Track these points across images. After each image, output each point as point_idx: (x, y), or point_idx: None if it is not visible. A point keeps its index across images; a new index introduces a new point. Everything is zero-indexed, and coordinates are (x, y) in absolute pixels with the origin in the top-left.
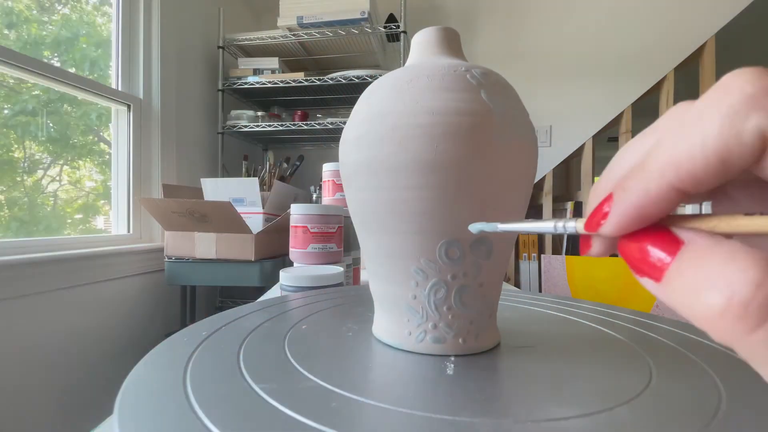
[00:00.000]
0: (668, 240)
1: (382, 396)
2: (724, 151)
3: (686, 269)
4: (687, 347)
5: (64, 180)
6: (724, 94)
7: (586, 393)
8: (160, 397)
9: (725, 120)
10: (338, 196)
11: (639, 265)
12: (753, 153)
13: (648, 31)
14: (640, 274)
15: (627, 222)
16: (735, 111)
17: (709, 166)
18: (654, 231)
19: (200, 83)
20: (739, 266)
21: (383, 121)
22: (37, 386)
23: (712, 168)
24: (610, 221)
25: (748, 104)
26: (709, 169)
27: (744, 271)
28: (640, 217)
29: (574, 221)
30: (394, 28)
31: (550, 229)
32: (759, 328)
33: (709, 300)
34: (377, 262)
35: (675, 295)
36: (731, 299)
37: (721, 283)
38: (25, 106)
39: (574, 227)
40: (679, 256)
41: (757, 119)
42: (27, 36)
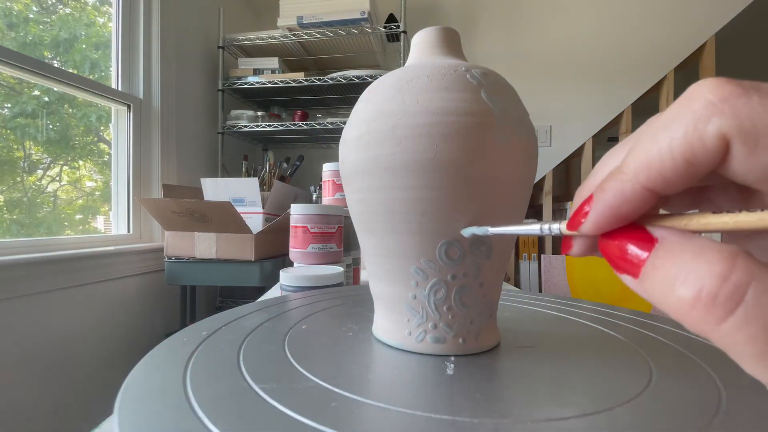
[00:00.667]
0: (644, 238)
1: (382, 396)
2: (689, 153)
3: (660, 265)
4: (687, 347)
5: (64, 180)
6: (688, 102)
7: (586, 393)
8: (160, 397)
9: (689, 124)
10: (338, 196)
11: (618, 263)
12: (716, 153)
13: (648, 31)
14: (620, 271)
15: (604, 221)
16: (698, 116)
17: (676, 167)
18: (630, 230)
19: (200, 83)
20: (707, 260)
21: (383, 121)
22: (37, 386)
23: (680, 168)
24: (589, 220)
25: (709, 109)
26: (677, 170)
27: (711, 264)
28: (617, 216)
29: (558, 223)
30: (394, 28)
31: (536, 232)
32: (728, 317)
33: (681, 293)
34: (377, 262)
35: (651, 289)
36: (700, 292)
37: (691, 277)
38: (25, 107)
39: (558, 228)
40: (654, 252)
41: (718, 122)
42: (26, 35)
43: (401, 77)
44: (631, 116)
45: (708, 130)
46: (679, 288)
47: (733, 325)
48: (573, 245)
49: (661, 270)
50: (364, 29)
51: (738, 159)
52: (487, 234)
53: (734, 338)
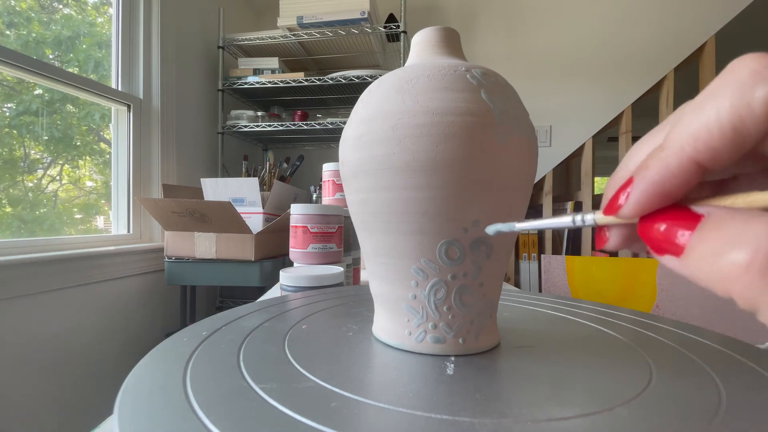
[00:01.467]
0: (688, 216)
1: (382, 396)
2: (737, 121)
3: (708, 236)
4: (687, 347)
5: (64, 180)
6: (732, 73)
7: (586, 393)
8: (160, 397)
9: (736, 92)
10: (338, 196)
11: (660, 244)
12: (764, 120)
13: (648, 31)
14: (661, 253)
15: (649, 199)
16: (744, 84)
17: (724, 136)
18: (673, 210)
19: (200, 83)
20: (761, 223)
21: (383, 121)
22: (37, 386)
23: (728, 138)
24: (631, 200)
25: (754, 77)
26: (725, 139)
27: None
28: (662, 193)
29: (593, 213)
30: (394, 28)
31: (568, 224)
32: None
33: (733, 258)
34: (377, 262)
35: (698, 263)
36: (756, 253)
37: (745, 240)
38: (28, 106)
39: (593, 219)
40: (700, 226)
41: (765, 89)
42: (27, 35)
43: (401, 77)
44: (631, 116)
45: (756, 96)
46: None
47: None
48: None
49: (708, 241)
50: (364, 29)
51: None
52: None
53: None
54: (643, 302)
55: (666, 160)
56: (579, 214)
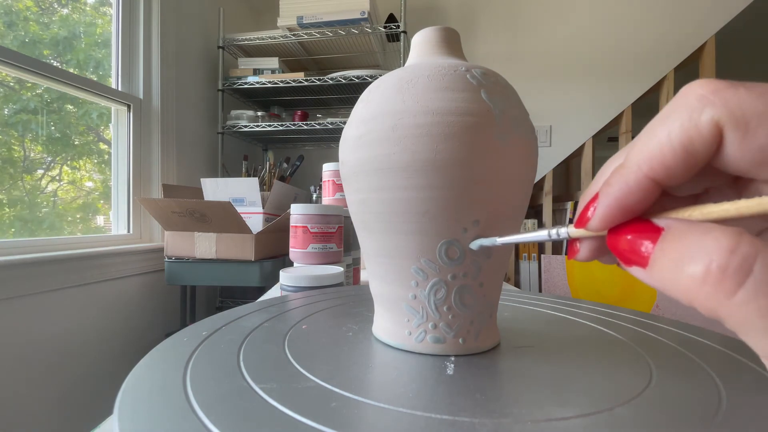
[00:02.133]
0: (650, 229)
1: (382, 396)
2: (687, 141)
3: (668, 249)
4: (687, 347)
5: (63, 180)
6: (682, 98)
7: (586, 393)
8: (160, 397)
9: (684, 115)
10: (338, 196)
11: (627, 255)
12: (711, 140)
13: (648, 31)
14: (629, 264)
15: (611, 214)
16: (692, 108)
17: (676, 155)
18: (637, 223)
19: (200, 83)
20: (714, 237)
21: (383, 121)
22: (37, 386)
23: (679, 156)
24: (596, 215)
25: (702, 101)
26: (676, 158)
27: (718, 240)
28: (623, 208)
29: (566, 226)
30: (394, 28)
31: (544, 237)
32: (738, 289)
33: (690, 271)
34: (377, 262)
35: (661, 275)
36: (710, 266)
37: (700, 253)
38: (26, 104)
39: (567, 232)
40: (661, 239)
41: (711, 111)
42: (25, 34)
43: (401, 77)
44: (631, 116)
45: (702, 119)
46: (688, 266)
47: (744, 297)
48: (579, 249)
49: (669, 253)
50: (364, 29)
51: (732, 144)
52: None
53: (745, 311)
54: (643, 302)
55: (625, 178)
56: (554, 228)
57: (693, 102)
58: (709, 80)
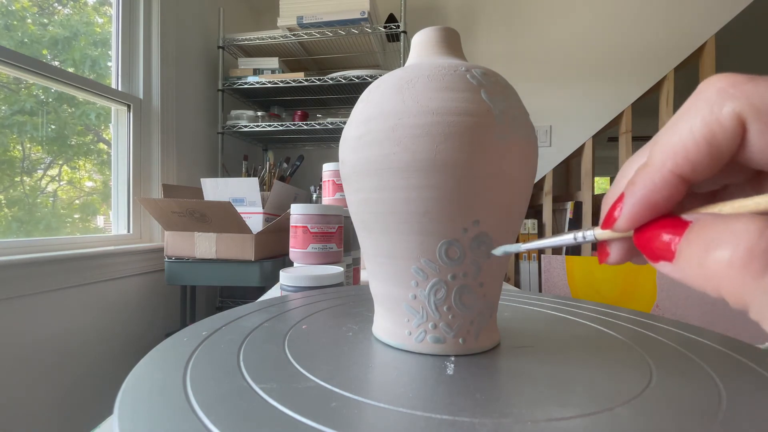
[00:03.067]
0: (677, 224)
1: (382, 396)
2: (709, 135)
3: (694, 239)
4: (687, 347)
5: (63, 180)
6: (702, 93)
7: (586, 393)
8: (160, 397)
9: (705, 110)
10: (338, 196)
11: (654, 251)
12: (734, 133)
13: (648, 31)
14: (656, 260)
15: (639, 213)
16: (713, 102)
17: (700, 150)
18: (663, 219)
19: (200, 83)
20: (743, 222)
21: (383, 121)
22: (37, 386)
23: (703, 151)
24: (623, 215)
25: (721, 95)
26: (700, 152)
27: (747, 224)
28: (650, 206)
29: (592, 230)
30: (394, 28)
31: (570, 241)
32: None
33: (717, 255)
34: (377, 262)
35: (687, 264)
36: (737, 248)
37: (727, 238)
38: (24, 104)
39: (593, 234)
40: (688, 231)
41: (732, 104)
42: (23, 35)
43: (401, 77)
44: (631, 116)
45: (724, 112)
46: (714, 251)
47: None
48: (610, 252)
49: (695, 243)
50: (364, 29)
51: (754, 137)
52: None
53: None
54: (643, 302)
55: (650, 175)
56: (580, 231)
57: (713, 96)
58: (728, 74)
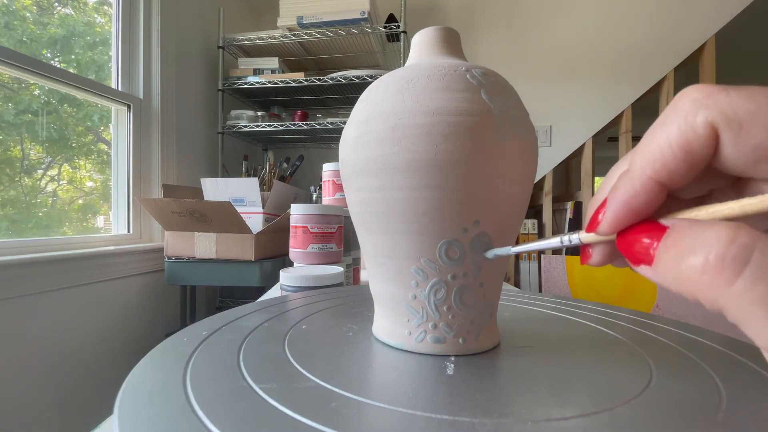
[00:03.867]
0: (656, 228)
1: (382, 396)
2: (685, 143)
3: (671, 245)
4: (687, 347)
5: (63, 180)
6: (677, 102)
7: (586, 393)
8: (160, 397)
9: (680, 119)
10: (338, 196)
11: (634, 255)
12: (707, 140)
13: (648, 31)
14: (636, 263)
15: (620, 217)
16: (687, 111)
17: (676, 157)
18: (644, 224)
19: (200, 83)
20: (715, 230)
21: (383, 121)
22: (38, 386)
23: (679, 158)
24: (606, 219)
25: (695, 105)
26: (677, 159)
27: (718, 232)
28: (630, 211)
29: (577, 233)
30: (394, 28)
31: (557, 244)
32: (737, 278)
33: (691, 261)
34: (377, 262)
35: (664, 269)
36: (709, 255)
37: (700, 245)
38: (28, 105)
39: (578, 238)
40: (665, 237)
41: (705, 113)
42: (22, 33)
43: (401, 77)
44: (631, 116)
45: (697, 121)
46: (688, 258)
47: (742, 286)
48: (592, 254)
49: (671, 248)
50: (364, 29)
51: (727, 144)
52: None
53: (744, 300)
54: (643, 302)
55: (632, 182)
56: (566, 234)
57: (688, 106)
58: (701, 85)
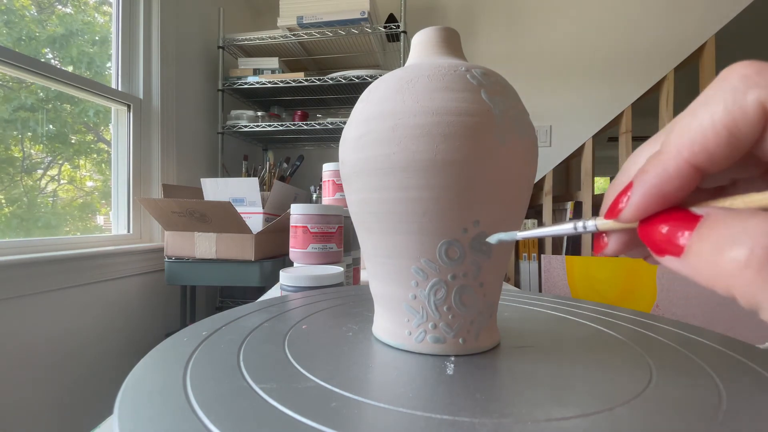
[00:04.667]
0: (687, 217)
1: (382, 396)
2: (731, 123)
3: (707, 235)
4: (687, 347)
5: (63, 179)
6: (724, 80)
7: (586, 393)
8: (160, 397)
9: (728, 97)
10: (338, 196)
11: (660, 245)
12: (756, 122)
13: (648, 31)
14: (661, 254)
15: (648, 202)
16: (736, 89)
17: (719, 139)
18: (671, 212)
19: (200, 83)
20: (759, 220)
21: (383, 121)
22: (38, 386)
23: (723, 140)
24: (631, 204)
25: (746, 82)
26: (719, 142)
27: (763, 222)
28: (661, 195)
29: (593, 219)
30: (394, 28)
31: (569, 230)
32: None
33: (732, 254)
34: (377, 262)
35: (698, 262)
36: (754, 248)
37: (743, 237)
38: (25, 101)
39: (594, 225)
40: (699, 226)
41: (756, 92)
42: (20, 31)
43: (401, 77)
44: (631, 116)
45: (748, 100)
46: (729, 250)
47: None
48: (608, 243)
49: (708, 239)
50: (364, 29)
51: None
52: (516, 239)
53: None
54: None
55: (664, 164)
56: (580, 220)
57: (736, 83)
58: (753, 61)
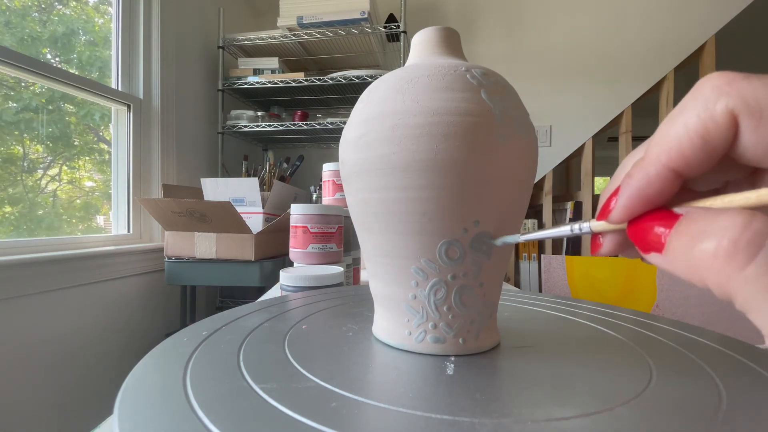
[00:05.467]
0: (669, 216)
1: (382, 396)
2: (703, 130)
3: (684, 231)
4: (687, 347)
5: (63, 179)
6: (698, 89)
7: (586, 393)
8: (160, 397)
9: (700, 106)
10: (338, 196)
11: (645, 242)
12: (727, 129)
13: (648, 31)
14: (647, 251)
15: (633, 205)
16: (707, 98)
17: (694, 145)
18: (656, 212)
19: (200, 83)
20: (729, 215)
21: (383, 121)
22: (38, 386)
23: (697, 146)
24: (618, 206)
25: (717, 92)
26: (694, 147)
27: (733, 217)
28: (644, 198)
29: (588, 222)
30: (394, 28)
31: (567, 233)
32: (749, 263)
33: (703, 246)
34: (377, 262)
35: (675, 255)
36: (722, 239)
37: (713, 230)
38: (28, 102)
39: (589, 226)
40: (677, 224)
41: (725, 101)
42: (22, 30)
43: (401, 77)
44: (631, 116)
45: (717, 108)
46: (701, 243)
47: (754, 271)
48: (602, 244)
49: (683, 234)
50: (364, 29)
51: (746, 133)
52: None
53: (755, 286)
54: (643, 302)
55: (646, 169)
56: (576, 223)
57: (708, 93)
58: (723, 72)
